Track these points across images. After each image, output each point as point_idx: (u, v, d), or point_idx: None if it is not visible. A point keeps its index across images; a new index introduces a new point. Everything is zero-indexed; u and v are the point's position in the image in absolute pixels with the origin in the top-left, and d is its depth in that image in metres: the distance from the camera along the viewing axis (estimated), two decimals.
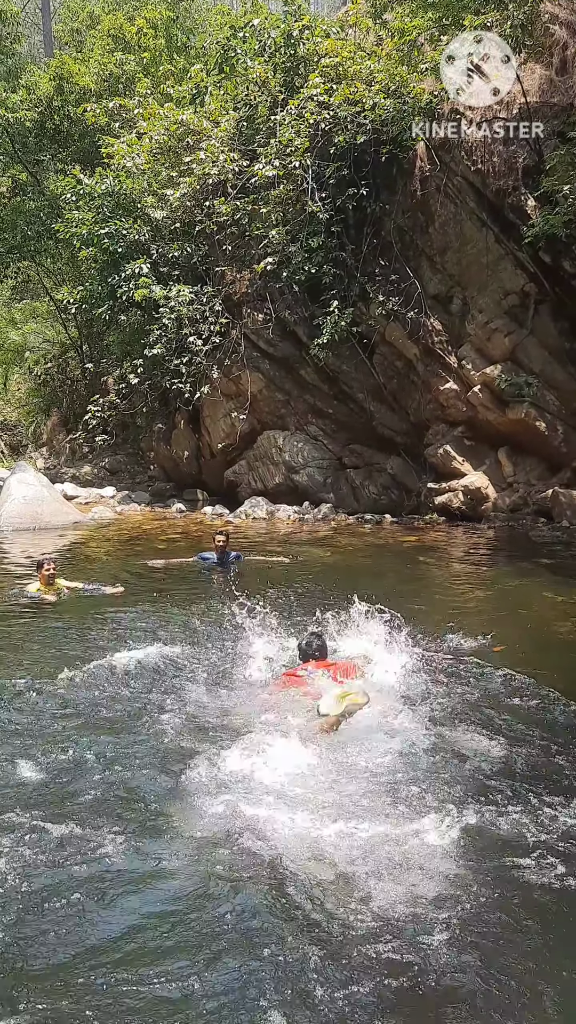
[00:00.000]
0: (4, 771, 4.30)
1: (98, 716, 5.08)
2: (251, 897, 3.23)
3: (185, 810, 3.88)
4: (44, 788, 4.13)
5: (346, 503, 15.87)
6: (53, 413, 27.23)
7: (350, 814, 3.76)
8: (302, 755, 4.22)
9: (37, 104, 22.81)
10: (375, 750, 4.40)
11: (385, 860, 3.45)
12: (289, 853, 3.48)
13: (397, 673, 5.41)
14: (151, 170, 17.44)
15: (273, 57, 16.30)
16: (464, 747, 4.58)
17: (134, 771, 4.28)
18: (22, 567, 10.80)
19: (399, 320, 14.49)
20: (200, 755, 4.34)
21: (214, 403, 17.04)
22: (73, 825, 3.70)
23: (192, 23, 27.43)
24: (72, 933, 3.05)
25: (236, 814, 3.73)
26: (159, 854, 3.53)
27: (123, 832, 3.68)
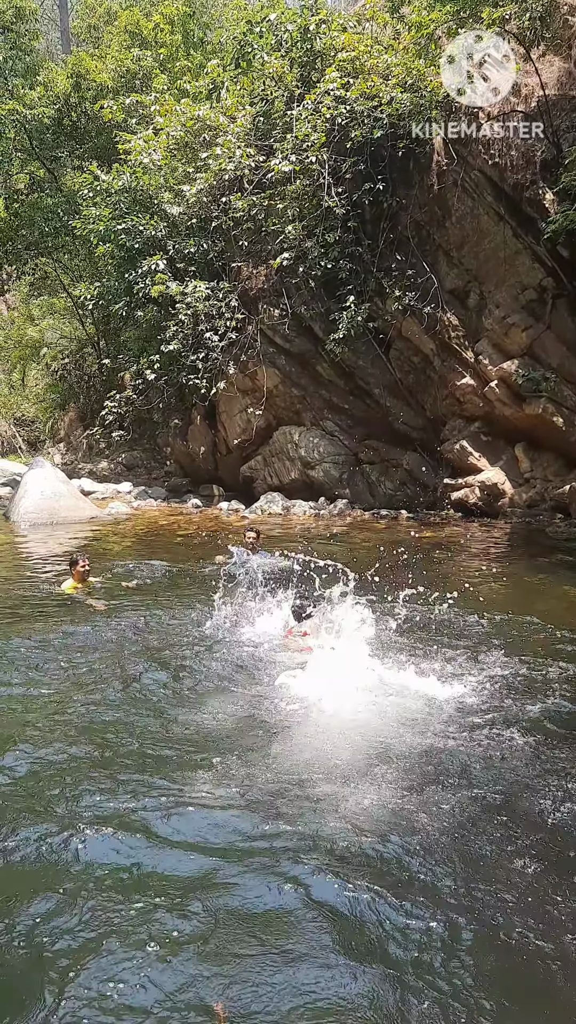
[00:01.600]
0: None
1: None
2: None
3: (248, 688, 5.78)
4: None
5: (362, 499, 15.85)
6: (70, 409, 27.38)
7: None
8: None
9: (54, 101, 22.89)
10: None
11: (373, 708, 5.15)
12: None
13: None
14: (168, 166, 17.47)
15: (290, 52, 16.26)
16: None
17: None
18: (41, 561, 10.89)
19: (416, 315, 14.45)
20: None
21: (230, 399, 17.07)
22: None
23: (209, 18, 27.40)
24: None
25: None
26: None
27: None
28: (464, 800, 4.16)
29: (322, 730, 5.03)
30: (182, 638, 6.95)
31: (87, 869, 3.52)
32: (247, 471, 17.58)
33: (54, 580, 9.33)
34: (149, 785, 4.28)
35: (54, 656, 6.46)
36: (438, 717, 5.17)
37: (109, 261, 18.91)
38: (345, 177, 14.52)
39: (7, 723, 5.11)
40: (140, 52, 23.17)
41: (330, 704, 5.27)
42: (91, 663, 6.29)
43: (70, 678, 6.01)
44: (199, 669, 6.23)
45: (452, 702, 5.38)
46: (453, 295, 14.69)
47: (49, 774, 4.40)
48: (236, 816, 3.96)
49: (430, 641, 6.83)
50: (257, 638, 6.90)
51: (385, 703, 5.39)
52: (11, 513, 15.15)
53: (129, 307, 17.79)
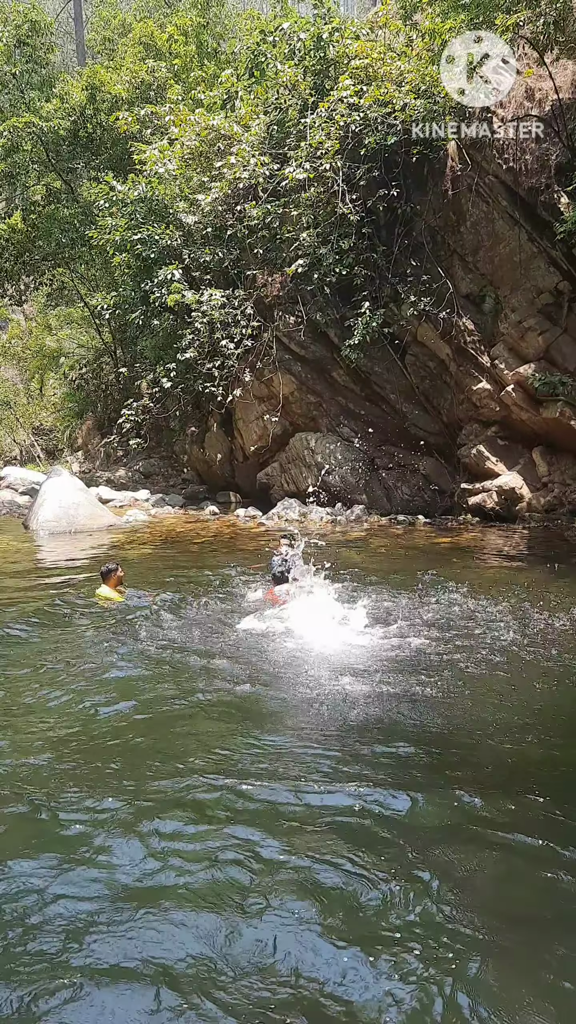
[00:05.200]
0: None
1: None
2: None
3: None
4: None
5: (379, 504, 15.84)
6: (88, 417, 27.56)
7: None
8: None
9: (70, 113, 23.12)
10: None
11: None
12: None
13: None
14: (183, 176, 17.59)
15: (303, 60, 16.34)
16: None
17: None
18: (61, 571, 10.96)
19: (431, 320, 14.46)
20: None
21: (246, 406, 17.13)
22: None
23: (222, 29, 27.61)
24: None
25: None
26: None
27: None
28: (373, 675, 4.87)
29: (295, 648, 6.88)
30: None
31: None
32: (264, 477, 17.62)
33: (76, 588, 9.40)
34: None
35: (106, 650, 6.58)
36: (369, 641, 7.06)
37: (125, 271, 19.04)
38: (359, 184, 14.56)
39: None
40: (154, 63, 23.36)
41: (300, 632, 7.23)
42: (135, 660, 6.39)
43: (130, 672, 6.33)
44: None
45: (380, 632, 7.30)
46: (468, 300, 14.69)
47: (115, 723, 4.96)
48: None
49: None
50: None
51: (340, 632, 7.27)
52: (30, 522, 15.26)
53: (145, 316, 17.91)
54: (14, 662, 6.64)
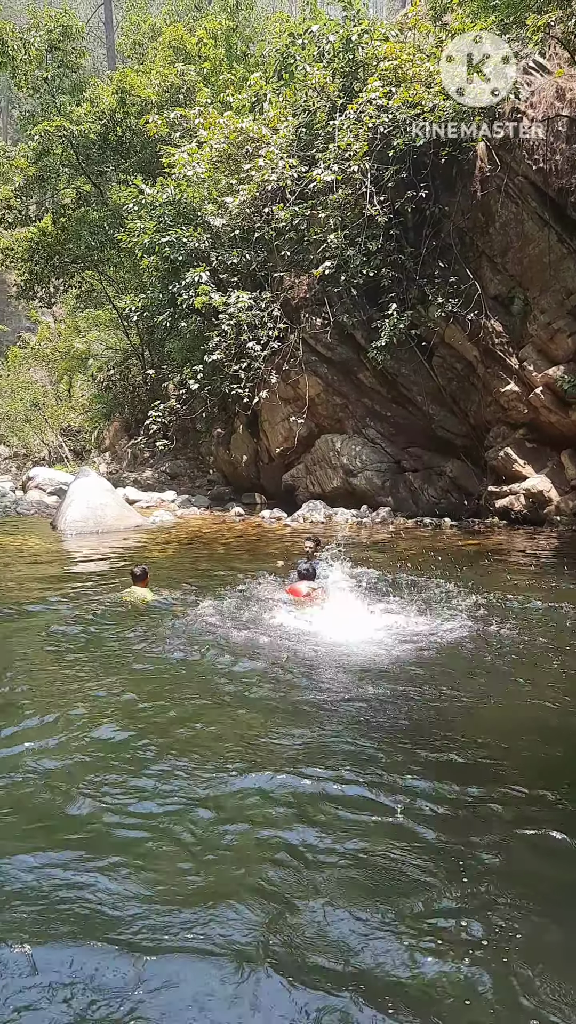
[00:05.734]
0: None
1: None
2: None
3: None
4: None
5: (405, 506, 15.78)
6: (115, 419, 27.77)
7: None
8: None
9: (100, 117, 23.32)
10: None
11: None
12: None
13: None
14: (211, 178, 17.66)
15: (332, 62, 16.34)
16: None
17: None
18: (88, 571, 11.04)
19: (459, 322, 14.38)
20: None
21: (272, 407, 17.16)
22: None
23: (251, 32, 27.72)
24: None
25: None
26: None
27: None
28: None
29: (322, 645, 7.04)
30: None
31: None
32: (289, 479, 17.63)
33: (104, 587, 9.47)
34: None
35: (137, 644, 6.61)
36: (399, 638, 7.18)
37: (153, 273, 19.16)
38: (387, 185, 14.52)
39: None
40: (184, 67, 23.50)
41: (327, 630, 7.41)
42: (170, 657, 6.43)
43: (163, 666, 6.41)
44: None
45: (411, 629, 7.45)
46: (497, 301, 14.59)
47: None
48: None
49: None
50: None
51: (365, 630, 7.40)
52: (58, 522, 15.39)
53: (173, 318, 17.99)
54: (48, 660, 6.71)
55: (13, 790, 4.30)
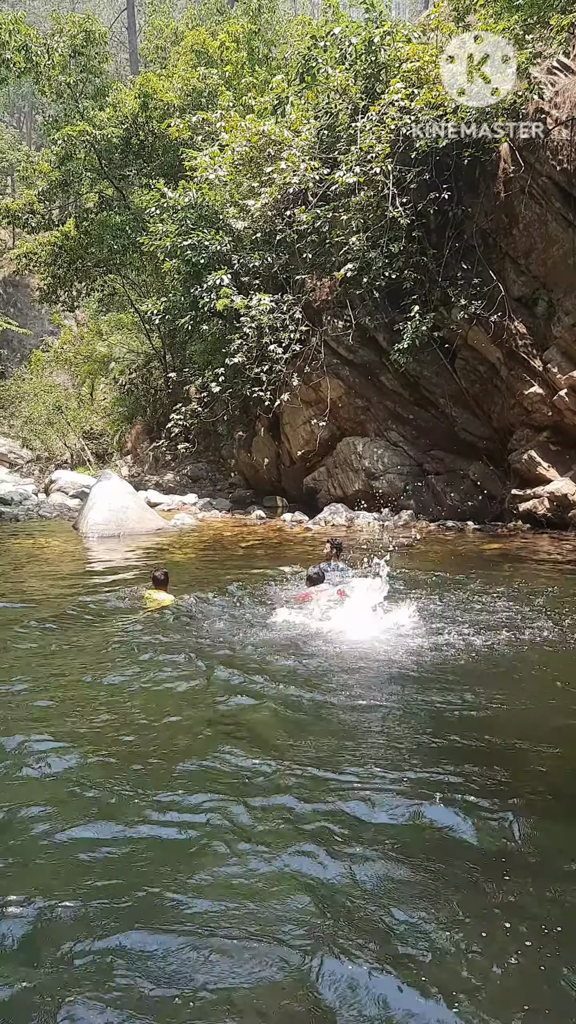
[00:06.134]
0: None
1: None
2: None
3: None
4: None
5: (427, 510, 15.69)
6: (137, 422, 27.89)
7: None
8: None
9: (123, 121, 23.46)
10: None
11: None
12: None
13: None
14: (233, 181, 17.70)
15: (354, 65, 16.31)
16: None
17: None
18: (110, 572, 11.07)
19: (482, 324, 14.27)
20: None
21: (294, 410, 17.13)
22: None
23: (273, 35, 27.78)
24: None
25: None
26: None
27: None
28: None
29: (339, 649, 7.04)
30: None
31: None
32: (310, 482, 17.59)
33: (129, 590, 9.49)
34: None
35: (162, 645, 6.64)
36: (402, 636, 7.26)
37: (175, 276, 19.23)
38: (410, 187, 14.46)
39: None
40: (206, 70, 23.58)
41: (342, 629, 7.48)
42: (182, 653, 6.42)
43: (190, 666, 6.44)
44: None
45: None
46: (520, 303, 14.47)
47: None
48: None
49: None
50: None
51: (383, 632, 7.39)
52: (80, 524, 15.45)
53: (195, 321, 18.04)
54: (65, 661, 6.72)
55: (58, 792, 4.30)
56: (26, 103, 58.42)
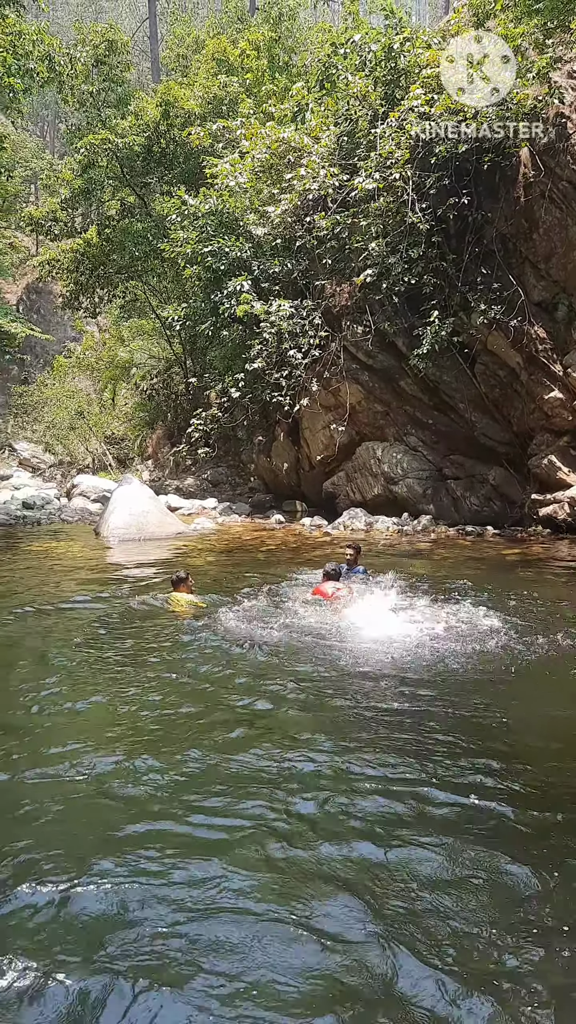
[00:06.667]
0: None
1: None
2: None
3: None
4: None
5: (447, 514, 15.67)
6: (158, 427, 28.06)
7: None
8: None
9: (144, 129, 23.67)
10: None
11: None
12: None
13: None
14: (253, 188, 17.80)
15: (374, 71, 16.37)
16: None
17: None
18: (131, 576, 11.16)
19: (501, 328, 14.25)
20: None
21: (313, 415, 17.18)
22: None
23: (294, 42, 27.92)
24: None
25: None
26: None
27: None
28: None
29: (348, 633, 7.50)
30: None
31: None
32: (330, 487, 17.62)
33: (146, 592, 9.57)
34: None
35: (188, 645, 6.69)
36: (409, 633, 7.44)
37: (196, 283, 19.36)
38: (429, 192, 14.48)
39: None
40: (227, 78, 23.75)
41: (358, 628, 7.63)
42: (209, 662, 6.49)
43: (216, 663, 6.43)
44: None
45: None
46: (541, 307, 14.43)
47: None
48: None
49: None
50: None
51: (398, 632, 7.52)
52: (101, 529, 15.58)
53: (215, 327, 18.15)
54: (91, 662, 6.80)
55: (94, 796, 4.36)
56: (49, 112, 59.10)
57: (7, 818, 4.10)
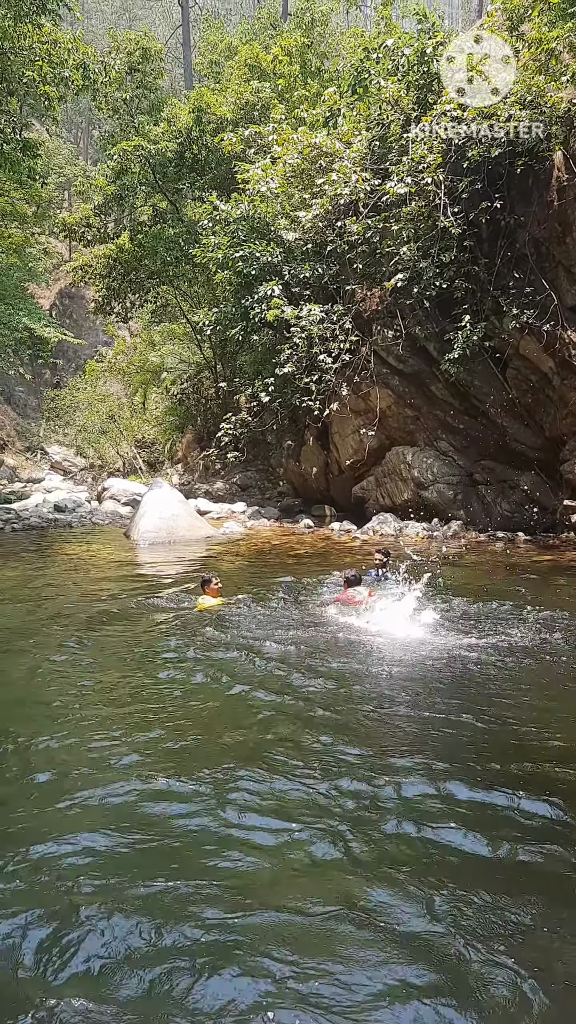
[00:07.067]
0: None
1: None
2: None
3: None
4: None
5: (477, 520, 15.55)
6: (188, 431, 28.21)
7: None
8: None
9: (177, 135, 23.85)
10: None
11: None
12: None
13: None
14: (284, 193, 17.85)
15: (406, 76, 16.34)
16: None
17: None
18: (160, 578, 11.22)
19: (534, 333, 14.12)
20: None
21: (343, 420, 17.16)
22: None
23: (326, 48, 27.94)
24: None
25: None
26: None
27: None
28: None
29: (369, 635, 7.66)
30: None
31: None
32: (359, 491, 17.58)
33: (175, 594, 9.62)
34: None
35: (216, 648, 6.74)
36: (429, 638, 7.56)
37: (227, 287, 19.44)
38: (461, 197, 14.41)
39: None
40: (259, 84, 23.84)
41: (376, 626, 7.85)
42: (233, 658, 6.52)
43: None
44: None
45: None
46: (574, 312, 14.28)
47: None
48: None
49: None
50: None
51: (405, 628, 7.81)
52: (131, 532, 15.69)
53: (245, 331, 18.21)
54: (119, 663, 6.85)
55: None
56: (83, 119, 59.80)
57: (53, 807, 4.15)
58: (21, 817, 4.16)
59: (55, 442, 39.62)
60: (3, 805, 4.32)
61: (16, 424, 40.42)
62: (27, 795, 4.43)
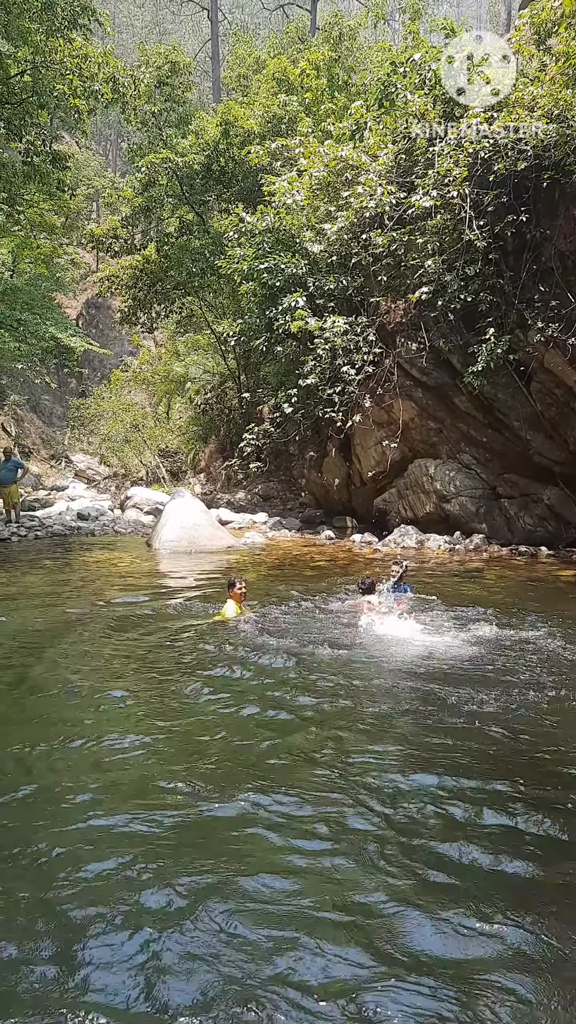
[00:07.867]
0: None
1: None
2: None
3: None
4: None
5: (499, 534, 15.45)
6: (211, 441, 28.32)
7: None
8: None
9: (204, 148, 24.06)
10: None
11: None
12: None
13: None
14: (310, 206, 17.92)
15: (433, 89, 16.37)
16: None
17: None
18: (181, 587, 11.26)
19: (559, 347, 14.04)
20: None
21: (365, 431, 17.15)
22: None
23: (354, 61, 28.07)
24: None
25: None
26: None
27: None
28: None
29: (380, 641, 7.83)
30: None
31: None
32: (381, 503, 17.54)
33: (197, 602, 9.65)
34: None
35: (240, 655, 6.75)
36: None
37: (251, 299, 19.53)
38: (487, 210, 14.39)
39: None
40: (287, 97, 23.99)
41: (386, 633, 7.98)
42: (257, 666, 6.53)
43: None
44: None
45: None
46: None
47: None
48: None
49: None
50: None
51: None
52: (153, 541, 15.76)
53: (269, 342, 18.27)
54: (140, 670, 6.87)
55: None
56: (112, 131, 60.52)
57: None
58: (27, 821, 4.18)
59: (79, 450, 39.94)
60: (18, 803, 4.36)
61: (41, 432, 40.82)
62: (37, 800, 4.45)
